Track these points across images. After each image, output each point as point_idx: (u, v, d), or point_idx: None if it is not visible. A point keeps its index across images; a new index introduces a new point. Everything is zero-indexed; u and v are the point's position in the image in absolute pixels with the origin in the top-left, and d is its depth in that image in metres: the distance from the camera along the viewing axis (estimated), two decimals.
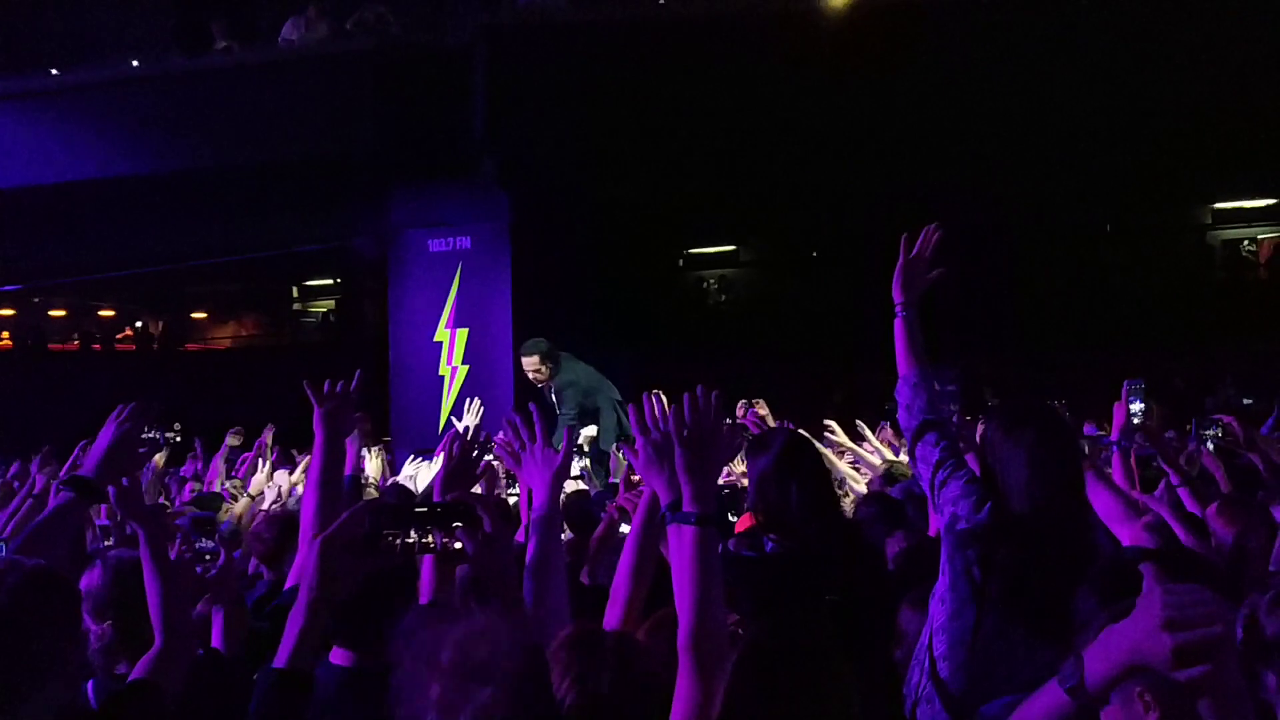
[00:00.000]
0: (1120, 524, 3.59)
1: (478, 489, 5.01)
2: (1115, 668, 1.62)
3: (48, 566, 2.22)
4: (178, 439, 5.90)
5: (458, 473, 3.09)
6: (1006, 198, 13.66)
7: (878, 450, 6.78)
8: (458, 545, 2.16)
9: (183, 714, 2.20)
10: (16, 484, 7.36)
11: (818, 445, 4.75)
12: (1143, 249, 15.94)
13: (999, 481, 3.02)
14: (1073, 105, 11.55)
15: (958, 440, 3.27)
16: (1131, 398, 4.42)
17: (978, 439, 4.36)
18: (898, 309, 3.38)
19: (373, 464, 7.85)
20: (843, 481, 6.33)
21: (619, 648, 2.30)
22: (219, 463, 9.00)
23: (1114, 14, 10.82)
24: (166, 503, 7.29)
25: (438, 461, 6.99)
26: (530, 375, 9.22)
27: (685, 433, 2.25)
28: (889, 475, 5.99)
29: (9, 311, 20.93)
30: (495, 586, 2.23)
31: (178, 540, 3.77)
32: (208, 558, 3.65)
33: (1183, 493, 4.35)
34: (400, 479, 7.21)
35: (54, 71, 14.02)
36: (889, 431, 7.66)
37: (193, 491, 8.16)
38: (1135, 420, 4.40)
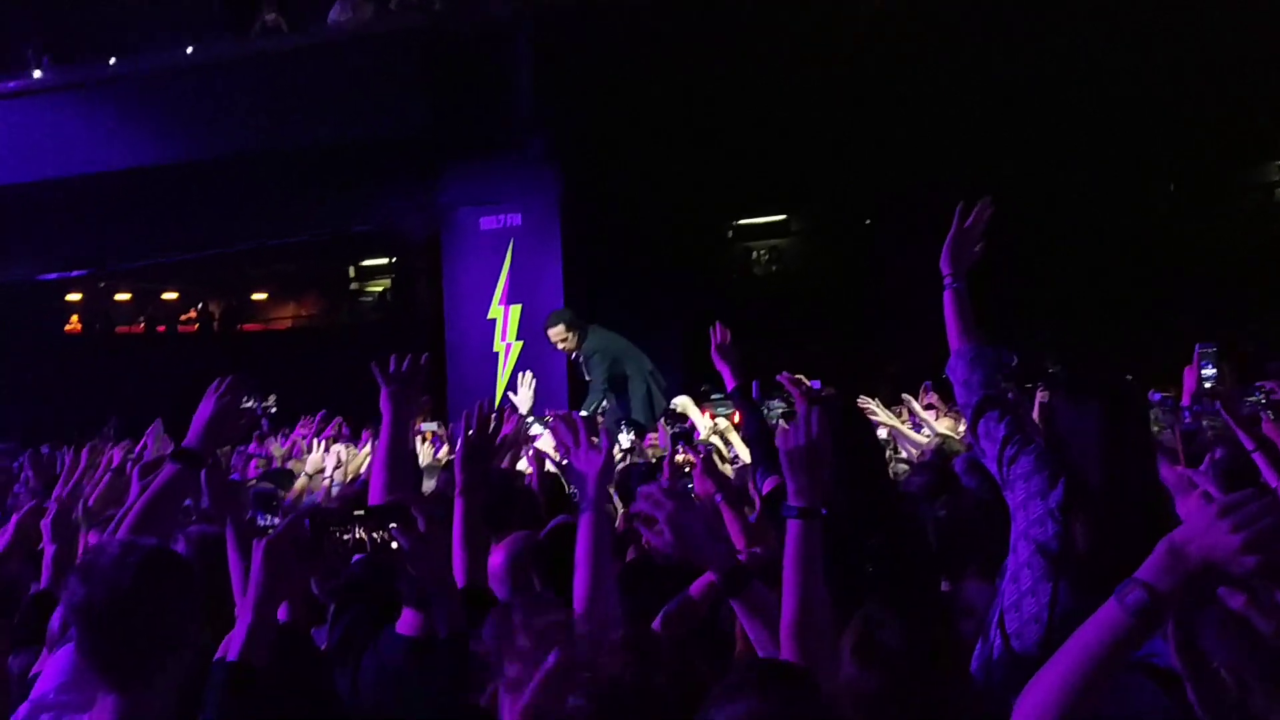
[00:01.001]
0: (1178, 495, 3.53)
1: (524, 463, 5.09)
2: (1177, 577, 1.60)
3: (165, 547, 2.29)
4: (274, 409, 6.04)
5: (476, 449, 3.14)
6: (1067, 160, 13.46)
7: (925, 423, 6.76)
8: (394, 545, 2.24)
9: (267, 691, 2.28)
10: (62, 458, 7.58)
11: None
12: (1207, 209, 15.61)
13: (1069, 454, 2.96)
14: (1133, 64, 11.35)
15: (1020, 413, 3.21)
16: (1203, 362, 4.32)
17: (1037, 410, 4.34)
18: (946, 281, 3.35)
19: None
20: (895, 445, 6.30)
21: (673, 648, 2.37)
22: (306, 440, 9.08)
23: None
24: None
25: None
26: (558, 346, 9.30)
27: (801, 447, 2.38)
28: (941, 450, 5.94)
29: (77, 297, 21.36)
30: (431, 584, 2.35)
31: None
32: (270, 532, 3.76)
33: (1259, 458, 4.21)
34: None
35: (111, 60, 14.27)
36: (934, 395, 7.61)
37: (258, 468, 8.31)
38: (1206, 385, 4.30)
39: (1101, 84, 11.67)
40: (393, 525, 2.25)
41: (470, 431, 3.22)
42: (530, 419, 6.30)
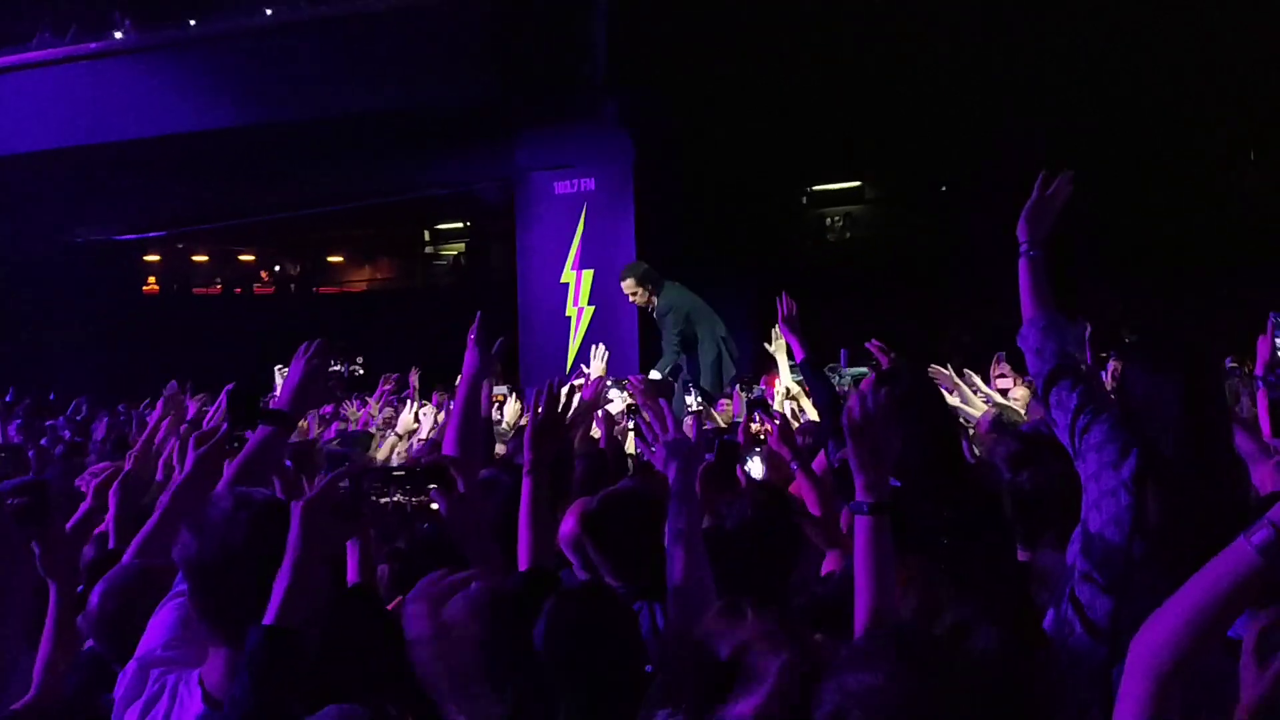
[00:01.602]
0: (1253, 464, 3.45)
1: (596, 431, 5.09)
2: None
3: (279, 499, 2.29)
4: (360, 372, 6.07)
5: (546, 426, 3.11)
6: (1144, 127, 13.16)
7: (989, 395, 6.66)
8: (433, 505, 2.24)
9: (329, 653, 2.28)
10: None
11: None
12: None
13: (1144, 424, 2.89)
14: (1210, 30, 11.03)
15: (1093, 383, 3.15)
16: (1276, 332, 4.23)
17: (1112, 379, 4.25)
18: (1023, 248, 3.29)
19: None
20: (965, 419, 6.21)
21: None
22: (374, 405, 9.14)
23: None
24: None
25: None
26: (630, 299, 9.25)
27: (857, 427, 2.31)
28: (998, 421, 5.84)
29: (155, 258, 21.78)
30: (469, 544, 2.33)
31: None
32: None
33: None
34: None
35: (191, 23, 14.44)
36: (1006, 366, 7.50)
37: (339, 430, 8.38)
38: None
39: (1178, 51, 11.36)
40: (432, 486, 2.23)
41: (540, 409, 3.18)
42: (609, 382, 6.29)
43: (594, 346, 7.40)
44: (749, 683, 1.90)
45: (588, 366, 8.14)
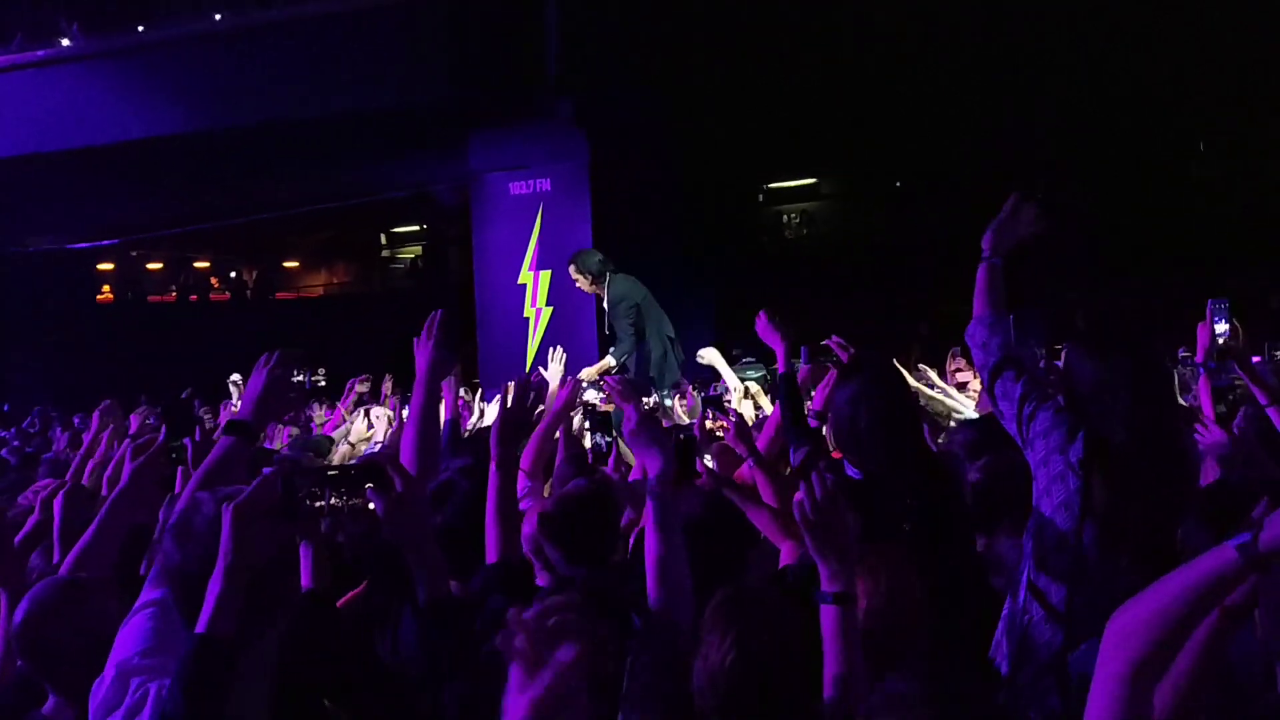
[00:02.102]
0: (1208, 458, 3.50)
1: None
2: None
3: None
4: (322, 383, 6.01)
5: (514, 421, 3.12)
6: (1095, 118, 13.32)
7: (944, 389, 6.71)
8: (370, 506, 2.15)
9: (290, 659, 2.24)
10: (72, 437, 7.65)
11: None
12: (1236, 167, 15.42)
13: (1091, 409, 2.94)
14: (1161, 22, 11.19)
15: (1038, 375, 3.20)
16: (1216, 317, 4.29)
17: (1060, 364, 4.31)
18: (985, 254, 3.32)
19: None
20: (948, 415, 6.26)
21: (773, 606, 2.39)
22: (345, 408, 9.07)
23: None
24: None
25: (492, 407, 7.10)
26: (576, 284, 9.24)
27: (810, 518, 2.31)
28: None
29: (109, 266, 21.55)
30: (408, 546, 2.25)
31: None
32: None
33: (1272, 413, 4.21)
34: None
35: (140, 29, 14.29)
36: (961, 360, 7.58)
37: (290, 435, 8.33)
38: (1220, 341, 4.29)
39: (1129, 43, 11.52)
40: (368, 486, 2.15)
41: (509, 405, 3.17)
42: (585, 384, 6.28)
43: (552, 348, 7.38)
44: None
45: (546, 368, 8.13)
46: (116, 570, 3.10)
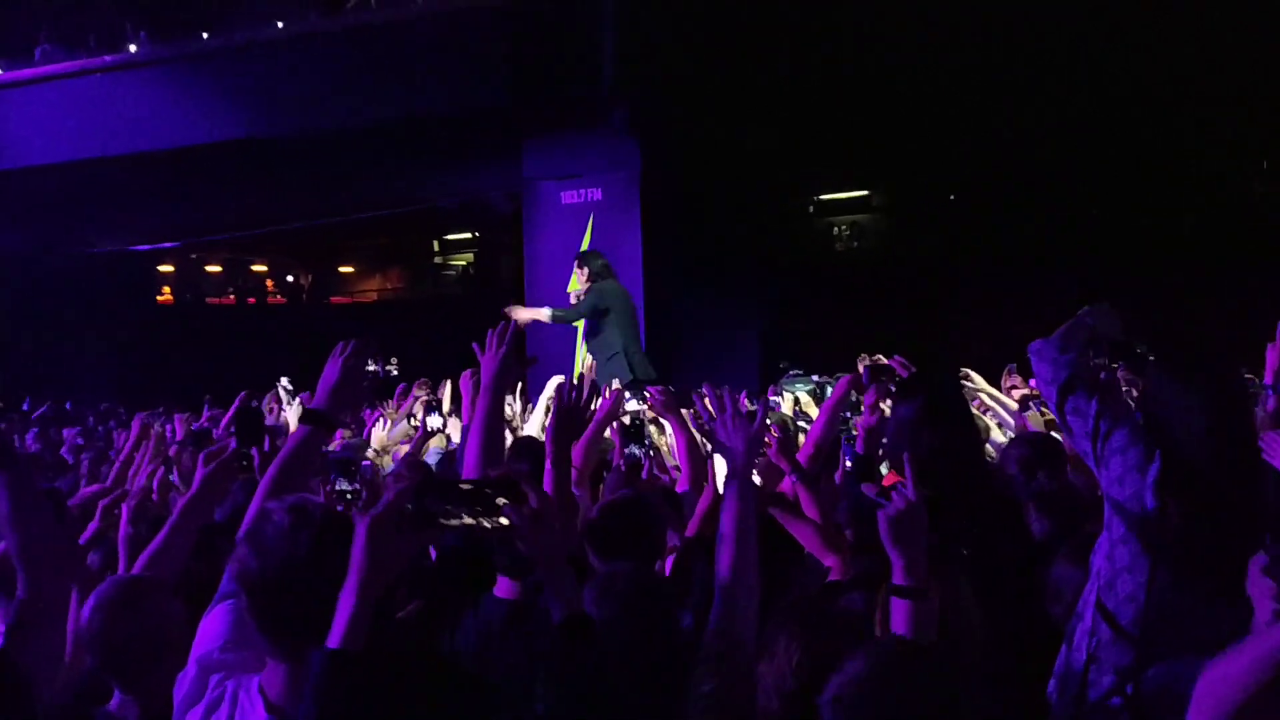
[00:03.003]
0: None
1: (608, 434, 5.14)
2: None
3: (336, 512, 2.20)
4: (395, 372, 6.06)
5: (567, 421, 3.15)
6: (1157, 136, 13.17)
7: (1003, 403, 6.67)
8: (504, 521, 2.10)
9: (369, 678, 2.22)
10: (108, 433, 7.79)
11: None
12: None
13: (1168, 431, 2.90)
14: (1225, 38, 11.04)
15: (1110, 391, 3.14)
16: None
17: (1124, 386, 4.28)
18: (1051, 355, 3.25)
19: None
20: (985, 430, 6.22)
21: (836, 614, 2.45)
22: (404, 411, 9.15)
23: None
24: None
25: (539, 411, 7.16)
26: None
27: (898, 508, 2.42)
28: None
29: (169, 268, 21.93)
30: (544, 563, 2.22)
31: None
32: (349, 497, 3.85)
33: None
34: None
35: (204, 35, 14.56)
36: (1017, 378, 7.51)
37: (344, 438, 8.40)
38: None
39: (1192, 58, 11.37)
40: (502, 501, 2.09)
41: (562, 404, 3.20)
42: (628, 395, 6.29)
43: (585, 356, 7.41)
44: None
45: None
46: (186, 574, 3.16)
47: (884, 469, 4.01)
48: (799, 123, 12.70)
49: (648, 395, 5.34)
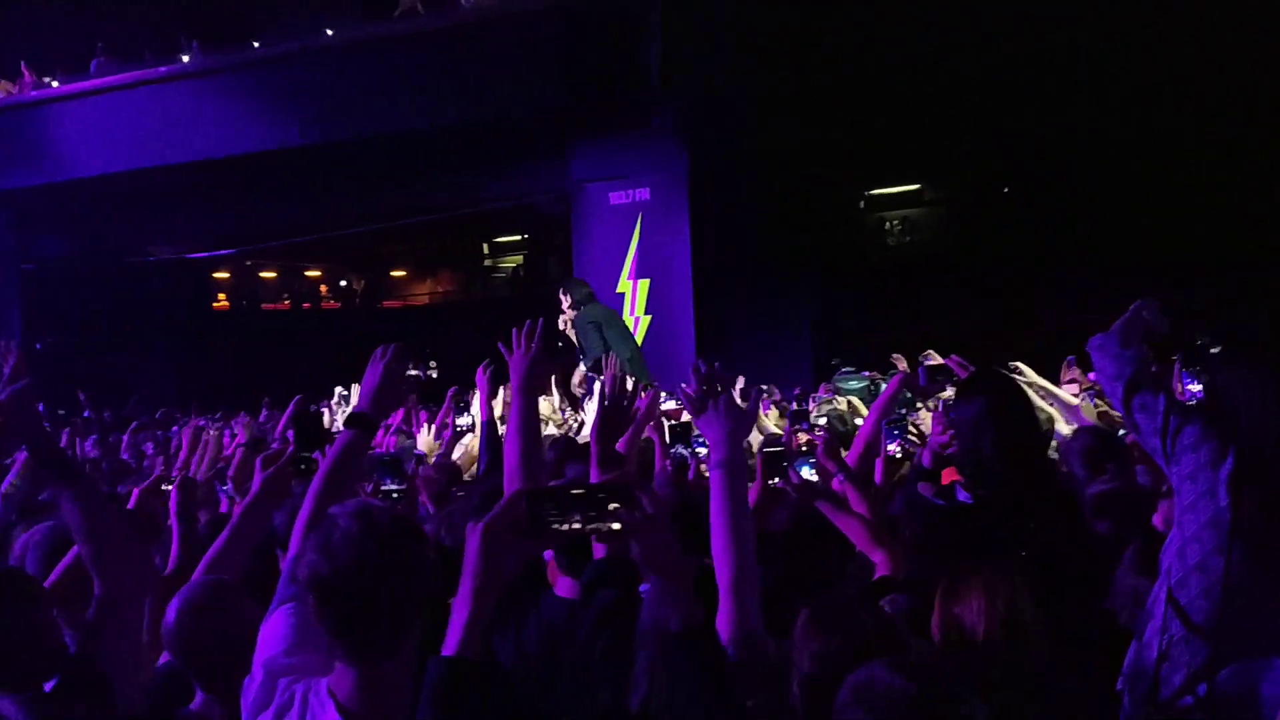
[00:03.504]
0: None
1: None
2: None
3: (404, 517, 2.22)
4: (435, 375, 6.18)
5: (612, 421, 3.12)
6: (1215, 130, 12.93)
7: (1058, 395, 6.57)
8: (616, 526, 2.06)
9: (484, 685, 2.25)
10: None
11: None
12: None
13: (1240, 424, 2.87)
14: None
15: (1170, 387, 3.14)
16: None
17: (1180, 380, 4.23)
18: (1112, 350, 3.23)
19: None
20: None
21: (864, 616, 2.41)
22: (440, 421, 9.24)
23: None
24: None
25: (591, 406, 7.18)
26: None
27: None
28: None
29: (225, 275, 22.23)
30: (662, 565, 2.18)
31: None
32: (394, 497, 3.88)
33: None
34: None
35: (255, 44, 14.76)
36: (1076, 369, 7.41)
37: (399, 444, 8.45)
38: None
39: (1246, 51, 11.15)
40: (614, 506, 2.06)
41: (606, 402, 3.19)
42: (664, 393, 6.32)
43: (607, 356, 7.45)
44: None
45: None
46: (246, 577, 3.19)
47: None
48: (848, 118, 12.62)
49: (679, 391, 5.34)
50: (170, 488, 3.68)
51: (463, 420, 6.80)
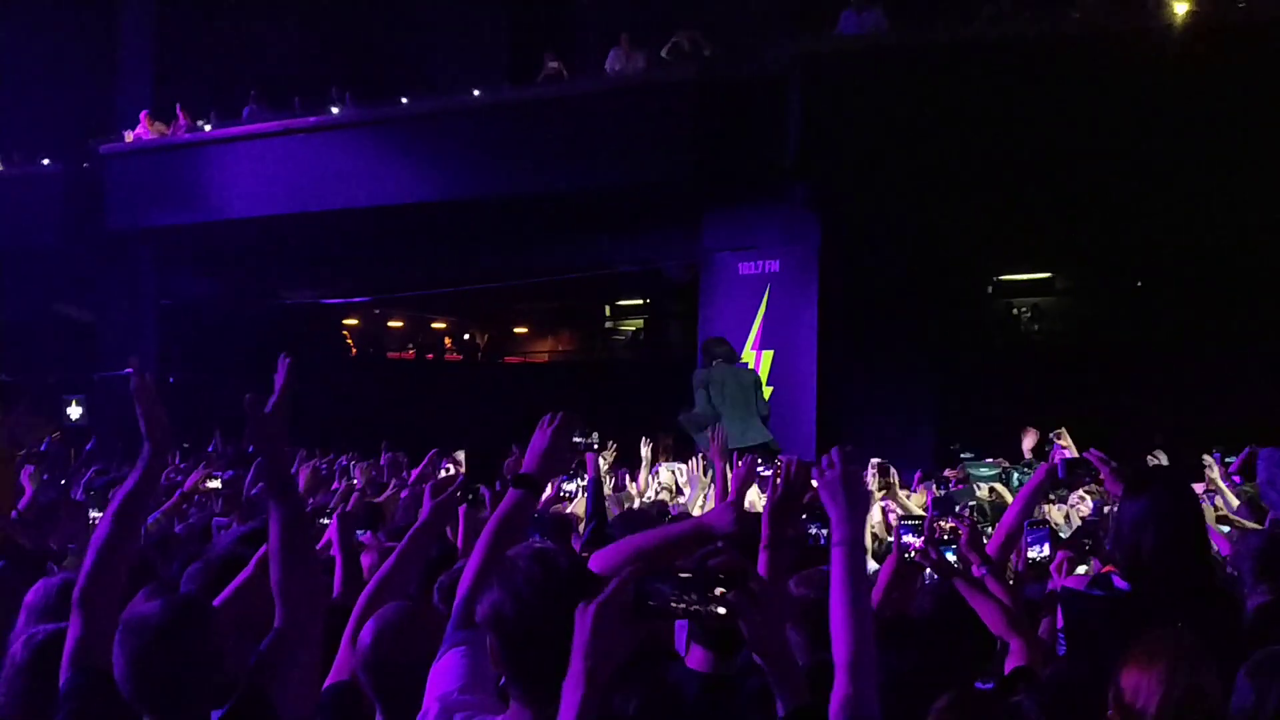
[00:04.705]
0: None
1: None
2: None
3: (583, 563, 2.31)
4: (595, 445, 6.31)
5: (786, 504, 3.08)
6: None
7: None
8: (722, 611, 2.04)
9: None
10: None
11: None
12: None
13: None
14: None
15: None
16: None
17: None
18: None
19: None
20: None
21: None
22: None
23: None
24: None
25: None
26: None
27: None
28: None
29: (354, 321, 22.82)
30: (768, 647, 2.18)
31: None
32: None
33: None
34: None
35: (403, 100, 15.28)
36: (1218, 470, 7.15)
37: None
38: None
39: None
40: (721, 590, 2.04)
41: (779, 486, 3.11)
42: (759, 461, 6.31)
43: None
44: None
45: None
46: (413, 599, 3.32)
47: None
48: (981, 202, 12.54)
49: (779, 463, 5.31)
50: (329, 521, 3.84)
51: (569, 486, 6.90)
